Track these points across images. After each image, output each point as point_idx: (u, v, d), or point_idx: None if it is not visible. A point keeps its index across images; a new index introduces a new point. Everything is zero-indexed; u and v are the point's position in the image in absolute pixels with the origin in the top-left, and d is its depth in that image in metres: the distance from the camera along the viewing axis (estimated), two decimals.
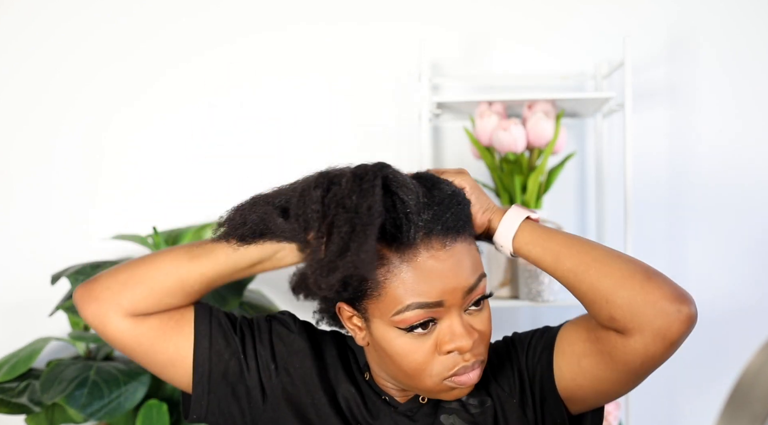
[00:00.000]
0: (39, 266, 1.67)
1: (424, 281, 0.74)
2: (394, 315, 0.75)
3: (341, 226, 0.70)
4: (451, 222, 0.75)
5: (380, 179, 0.73)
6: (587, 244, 0.79)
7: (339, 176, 0.75)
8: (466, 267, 0.76)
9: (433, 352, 0.76)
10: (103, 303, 0.83)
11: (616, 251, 0.79)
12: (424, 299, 0.74)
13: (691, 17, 1.69)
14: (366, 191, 0.72)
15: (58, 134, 1.75)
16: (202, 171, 1.75)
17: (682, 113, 1.69)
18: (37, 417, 1.40)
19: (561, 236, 0.80)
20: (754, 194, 1.68)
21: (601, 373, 0.77)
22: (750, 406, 0.38)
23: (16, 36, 1.75)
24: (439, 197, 0.76)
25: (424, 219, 0.74)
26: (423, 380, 0.77)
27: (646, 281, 0.74)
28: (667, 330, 0.71)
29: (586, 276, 0.76)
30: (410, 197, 0.74)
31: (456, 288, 0.75)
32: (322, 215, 0.73)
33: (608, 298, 0.74)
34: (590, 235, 1.72)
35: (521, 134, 1.46)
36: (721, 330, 1.64)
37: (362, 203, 0.71)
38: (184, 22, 1.74)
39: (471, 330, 0.77)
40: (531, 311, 1.73)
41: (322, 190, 0.74)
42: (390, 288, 0.74)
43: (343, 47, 1.73)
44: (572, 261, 0.77)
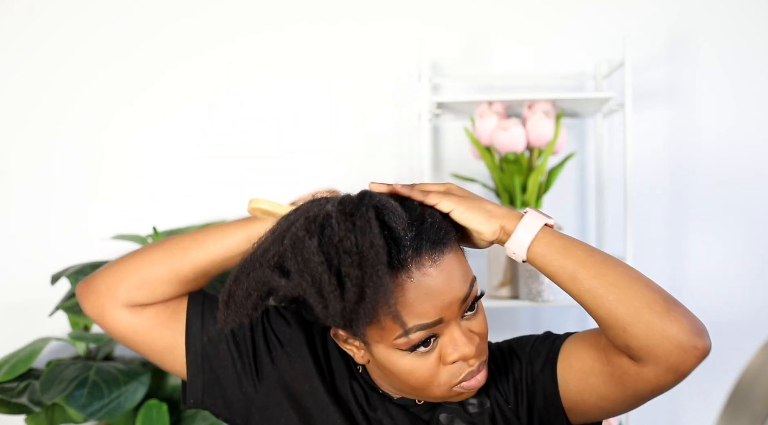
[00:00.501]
0: (39, 266, 1.67)
1: (421, 301, 0.73)
2: (395, 339, 0.74)
3: (350, 272, 0.68)
4: (434, 235, 0.74)
5: (372, 210, 0.71)
6: (606, 264, 0.75)
7: (326, 217, 0.71)
8: (458, 278, 0.75)
9: (438, 365, 0.76)
10: (100, 296, 0.86)
11: (635, 273, 0.75)
12: (424, 321, 0.73)
13: (691, 17, 1.69)
14: (363, 229, 0.69)
15: (58, 134, 1.75)
16: (202, 171, 1.75)
17: (682, 113, 1.69)
18: (37, 417, 1.40)
19: (579, 251, 0.76)
20: (755, 193, 1.68)
21: (608, 394, 0.77)
22: (750, 406, 0.38)
23: (16, 36, 1.75)
24: (416, 214, 0.75)
25: (410, 237, 0.73)
26: (432, 391, 0.78)
27: (665, 313, 0.71)
28: (681, 364, 0.70)
29: (604, 301, 0.73)
30: (398, 223, 0.72)
31: (452, 302, 0.74)
32: (327, 265, 0.69)
33: (626, 327, 0.72)
34: (590, 235, 1.72)
35: (521, 134, 1.46)
36: (721, 330, 1.63)
37: (363, 243, 0.69)
38: (184, 22, 1.74)
39: (471, 336, 0.76)
40: (531, 312, 1.73)
41: (317, 237, 0.70)
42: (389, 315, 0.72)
43: (343, 47, 1.73)
44: (590, 283, 0.74)
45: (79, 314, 1.41)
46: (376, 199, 0.73)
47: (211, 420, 1.46)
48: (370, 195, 0.74)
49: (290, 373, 0.86)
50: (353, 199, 0.73)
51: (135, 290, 0.86)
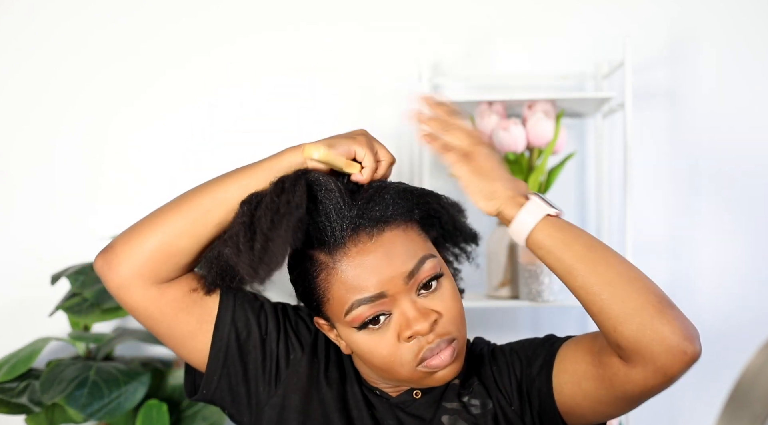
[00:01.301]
0: (39, 266, 1.67)
1: (359, 276, 0.75)
2: (345, 316, 0.76)
3: (263, 224, 0.72)
4: (378, 212, 0.76)
5: (303, 179, 0.75)
6: (605, 261, 0.75)
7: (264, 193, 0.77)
8: (399, 254, 0.76)
9: (396, 342, 0.77)
10: (126, 275, 0.81)
11: (633, 272, 0.75)
12: (364, 295, 0.75)
13: (691, 17, 1.69)
14: (288, 191, 0.73)
15: (58, 134, 1.75)
16: (203, 171, 1.74)
17: (682, 113, 1.69)
18: (37, 417, 1.40)
19: (578, 245, 0.76)
20: (755, 193, 1.68)
21: (600, 396, 0.77)
22: (750, 406, 0.38)
23: (16, 36, 1.75)
24: (368, 193, 0.77)
25: (349, 216, 0.75)
26: (397, 370, 0.78)
27: (657, 315, 0.71)
28: (669, 368, 0.70)
29: (597, 299, 0.73)
30: (330, 198, 0.75)
31: (393, 277, 0.75)
32: (249, 222, 0.74)
33: (616, 327, 0.72)
34: None
35: (521, 134, 1.46)
36: (721, 330, 1.64)
37: (283, 201, 0.72)
38: (184, 23, 1.74)
39: (427, 312, 0.77)
40: (531, 312, 1.73)
41: (249, 206, 0.76)
42: (333, 291, 0.76)
43: (344, 47, 1.73)
44: (584, 279, 0.74)
45: (79, 314, 1.41)
46: (312, 176, 0.76)
47: (211, 420, 1.46)
48: (306, 172, 0.77)
49: (306, 376, 0.87)
50: (290, 174, 0.77)
51: (162, 266, 0.81)
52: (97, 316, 1.40)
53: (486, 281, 1.55)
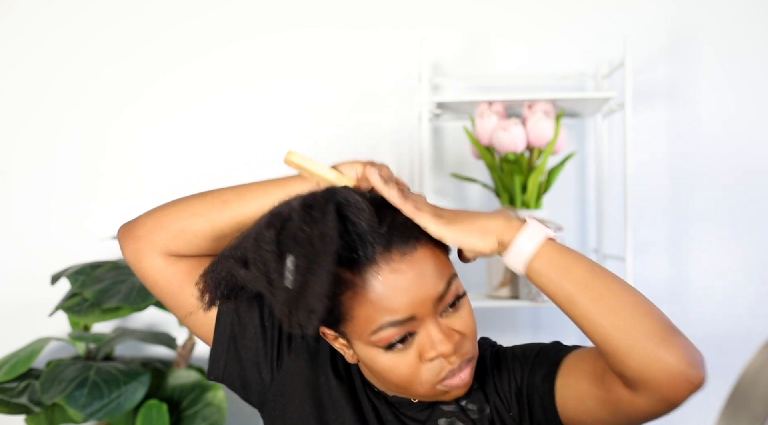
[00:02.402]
0: (39, 266, 1.67)
1: (391, 297, 0.72)
2: (370, 336, 0.74)
3: (298, 262, 0.69)
4: (408, 230, 0.73)
5: (332, 204, 0.71)
6: (607, 288, 0.72)
7: (289, 212, 0.73)
8: (431, 275, 0.74)
9: (418, 362, 0.76)
10: (140, 241, 0.87)
11: (637, 299, 0.72)
12: (395, 317, 0.73)
13: (690, 17, 1.69)
14: (318, 220, 0.70)
15: (58, 135, 1.75)
16: (203, 171, 1.75)
17: (682, 113, 1.69)
18: (37, 417, 1.40)
19: (580, 272, 0.73)
20: (755, 193, 1.68)
21: (603, 417, 0.76)
22: (750, 406, 0.38)
23: (17, 36, 1.75)
24: (392, 210, 0.75)
25: (380, 233, 0.72)
26: (415, 388, 0.78)
27: (661, 344, 0.69)
28: (674, 396, 0.69)
29: (600, 328, 0.71)
30: (361, 217, 0.72)
31: (424, 299, 0.73)
32: (278, 253, 0.71)
33: (620, 356, 0.70)
34: (590, 235, 1.72)
35: (521, 134, 1.46)
36: (721, 330, 1.64)
37: (315, 233, 0.69)
38: (185, 25, 1.74)
39: (451, 333, 0.75)
40: (531, 312, 1.73)
41: (275, 230, 0.72)
42: (359, 310, 0.73)
43: (344, 48, 1.73)
44: (587, 308, 0.72)
45: (79, 314, 1.41)
46: (340, 195, 0.73)
47: (211, 420, 1.46)
48: (334, 191, 0.74)
49: (308, 363, 0.87)
50: (317, 194, 0.74)
51: (173, 238, 0.86)
52: (97, 316, 1.40)
53: (486, 281, 1.55)
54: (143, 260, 0.87)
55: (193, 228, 0.86)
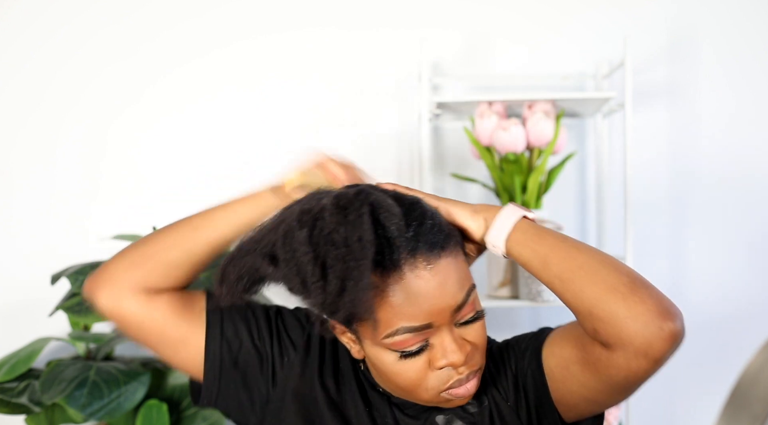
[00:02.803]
0: (39, 266, 1.67)
1: (411, 303, 0.72)
2: (384, 339, 0.74)
3: (335, 265, 0.69)
4: (433, 238, 0.74)
5: (367, 206, 0.71)
6: (576, 249, 0.75)
7: (321, 211, 0.72)
8: (452, 284, 0.74)
9: (427, 369, 0.76)
10: (116, 283, 0.83)
11: (606, 257, 0.75)
12: (412, 323, 0.73)
13: (690, 17, 1.69)
14: (354, 223, 0.70)
15: (58, 135, 1.75)
16: (202, 171, 1.75)
17: (682, 113, 1.69)
18: (37, 417, 1.40)
19: (552, 238, 0.77)
20: (755, 193, 1.68)
21: (588, 381, 0.76)
22: (750, 406, 0.38)
23: (17, 36, 1.75)
24: (416, 215, 0.75)
25: (407, 238, 0.72)
26: (419, 394, 0.78)
27: (630, 294, 0.70)
28: (648, 348, 0.68)
29: (570, 285, 0.73)
30: (392, 222, 0.72)
31: (443, 308, 0.73)
32: (313, 256, 0.70)
33: (591, 310, 0.71)
34: (590, 235, 1.72)
35: (521, 134, 1.46)
36: (721, 330, 1.64)
37: (352, 236, 0.69)
38: (185, 24, 1.74)
39: (463, 344, 0.76)
40: (531, 312, 1.73)
41: (308, 229, 0.71)
42: (378, 313, 0.73)
43: (344, 48, 1.73)
44: (559, 267, 0.74)
45: (79, 314, 1.41)
46: (373, 196, 0.73)
47: (211, 420, 1.46)
48: (367, 192, 0.74)
49: (299, 376, 0.86)
50: (350, 194, 0.73)
51: (149, 273, 0.83)
52: (97, 316, 1.40)
53: (486, 281, 1.55)
54: (122, 302, 0.83)
55: (169, 259, 0.84)
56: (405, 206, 0.75)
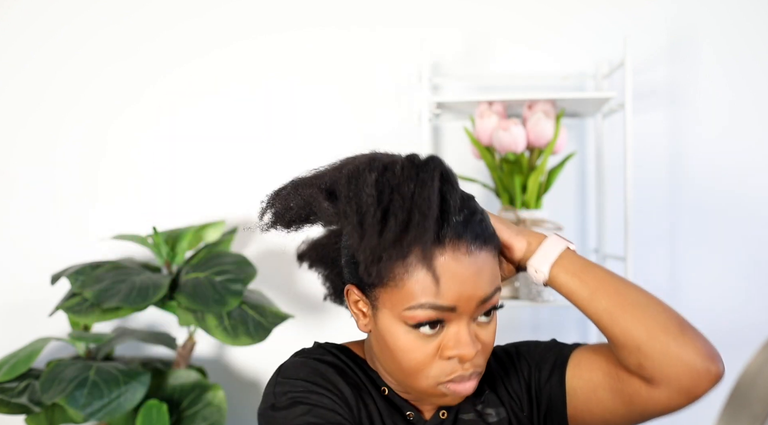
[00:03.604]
0: (39, 266, 1.67)
1: (443, 283, 0.72)
2: (405, 310, 0.73)
3: (398, 213, 0.69)
4: (480, 230, 0.74)
5: (438, 172, 0.72)
6: (624, 284, 0.77)
7: (392, 163, 0.73)
8: (485, 277, 0.74)
9: (435, 355, 0.75)
10: None
11: (652, 296, 0.77)
12: (439, 302, 0.72)
13: (690, 17, 1.69)
14: (424, 182, 0.70)
15: (58, 135, 1.75)
16: (202, 171, 1.75)
17: (682, 113, 1.69)
18: (37, 417, 1.40)
19: (600, 271, 0.79)
20: (754, 193, 1.68)
21: (614, 409, 0.77)
22: (750, 406, 0.38)
23: (17, 36, 1.75)
24: (471, 205, 0.76)
25: (457, 221, 0.73)
26: (419, 379, 0.77)
27: (680, 334, 0.72)
28: (694, 388, 0.71)
29: (621, 319, 0.74)
30: (453, 197, 0.72)
31: (472, 296, 0.73)
32: (377, 198, 0.70)
33: (640, 346, 0.73)
34: (590, 235, 1.72)
35: (521, 134, 1.46)
36: (721, 330, 1.63)
37: (421, 193, 0.69)
38: (185, 24, 1.74)
39: (476, 341, 0.76)
40: (531, 312, 1.73)
41: (377, 174, 0.72)
42: (407, 282, 0.72)
43: (344, 48, 1.73)
44: (609, 301, 0.76)
45: (79, 314, 1.41)
46: (445, 166, 0.74)
47: (211, 420, 1.46)
48: (441, 161, 0.74)
49: None
50: (422, 156, 0.74)
51: None
52: (97, 316, 1.40)
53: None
54: None
55: None
56: (464, 194, 0.76)
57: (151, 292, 1.40)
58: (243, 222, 1.72)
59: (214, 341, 1.73)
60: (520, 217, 1.48)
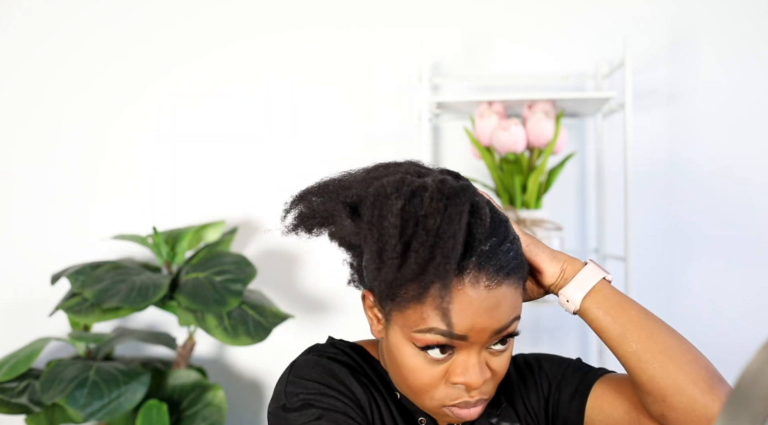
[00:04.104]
0: (39, 266, 1.67)
1: (457, 312, 0.70)
2: (414, 332, 0.72)
3: (420, 249, 0.65)
4: (504, 262, 0.71)
5: (468, 205, 0.68)
6: (658, 328, 0.74)
7: (421, 189, 0.69)
8: (503, 309, 0.71)
9: (441, 379, 0.74)
10: None
11: (686, 342, 0.74)
12: (450, 330, 0.70)
13: (690, 17, 1.69)
14: (452, 217, 0.66)
15: (58, 134, 1.75)
16: (202, 171, 1.75)
17: (682, 113, 1.69)
18: (37, 417, 1.40)
19: (634, 310, 0.75)
20: (754, 193, 1.68)
21: None
22: (750, 406, 0.38)
23: (17, 36, 1.75)
24: (499, 232, 0.72)
25: (481, 250, 0.70)
26: (423, 399, 0.76)
27: (708, 390, 0.70)
28: None
29: (649, 367, 0.72)
30: (479, 230, 0.69)
31: (486, 328, 0.71)
32: (400, 229, 0.66)
33: (666, 398, 0.71)
34: (590, 235, 1.72)
35: (521, 134, 1.46)
36: (721, 330, 1.64)
37: (446, 230, 0.65)
38: (185, 24, 1.74)
39: (485, 369, 0.74)
40: (531, 312, 1.73)
41: (403, 201, 0.68)
42: (420, 307, 0.70)
43: (345, 48, 1.73)
44: (639, 345, 0.73)
45: (79, 314, 1.41)
46: (476, 197, 0.70)
47: (211, 420, 1.46)
48: (473, 191, 0.70)
49: None
50: (455, 185, 0.69)
51: None
52: (97, 316, 1.40)
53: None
54: None
55: None
56: (494, 220, 0.73)
57: (151, 292, 1.40)
58: (243, 222, 1.72)
59: (214, 341, 1.73)
60: (520, 217, 1.48)
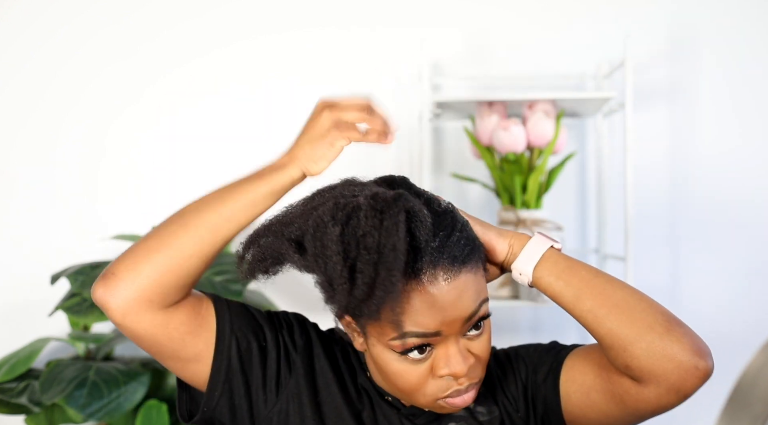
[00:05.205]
0: (39, 266, 1.67)
1: (424, 312, 0.72)
2: (390, 340, 0.74)
3: (364, 270, 0.67)
4: (457, 251, 0.73)
5: (403, 214, 0.69)
6: (610, 284, 0.76)
7: (356, 210, 0.70)
8: (468, 296, 0.73)
9: (428, 375, 0.76)
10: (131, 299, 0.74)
11: (640, 294, 0.76)
12: (422, 330, 0.72)
13: (691, 17, 1.69)
14: (388, 230, 0.67)
15: (58, 134, 1.75)
16: (202, 171, 1.75)
17: (683, 113, 1.69)
18: (37, 417, 1.40)
19: (584, 271, 0.78)
20: (754, 192, 1.68)
21: (608, 410, 0.77)
22: (750, 407, 0.38)
23: (17, 36, 1.75)
24: (445, 224, 0.74)
25: (432, 248, 0.71)
26: (417, 398, 0.78)
27: (666, 333, 0.72)
28: (682, 385, 0.71)
29: (606, 320, 0.74)
30: (422, 231, 0.71)
31: (456, 319, 0.73)
32: (343, 256, 0.68)
33: (626, 347, 0.72)
34: (590, 235, 1.72)
35: (521, 134, 1.46)
36: (721, 330, 1.63)
37: (386, 244, 0.67)
38: (185, 24, 1.74)
39: (467, 356, 0.76)
40: (531, 311, 1.73)
41: (341, 227, 0.69)
42: (387, 317, 0.72)
43: (344, 48, 1.73)
44: (593, 302, 0.75)
45: (79, 314, 1.41)
46: (410, 203, 0.71)
47: None
48: (405, 198, 0.71)
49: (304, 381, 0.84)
50: (387, 196, 0.70)
51: (171, 288, 0.75)
52: (97, 316, 1.40)
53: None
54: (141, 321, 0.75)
55: (190, 270, 0.76)
56: (437, 213, 0.74)
57: None
58: None
59: None
60: (520, 217, 1.48)
